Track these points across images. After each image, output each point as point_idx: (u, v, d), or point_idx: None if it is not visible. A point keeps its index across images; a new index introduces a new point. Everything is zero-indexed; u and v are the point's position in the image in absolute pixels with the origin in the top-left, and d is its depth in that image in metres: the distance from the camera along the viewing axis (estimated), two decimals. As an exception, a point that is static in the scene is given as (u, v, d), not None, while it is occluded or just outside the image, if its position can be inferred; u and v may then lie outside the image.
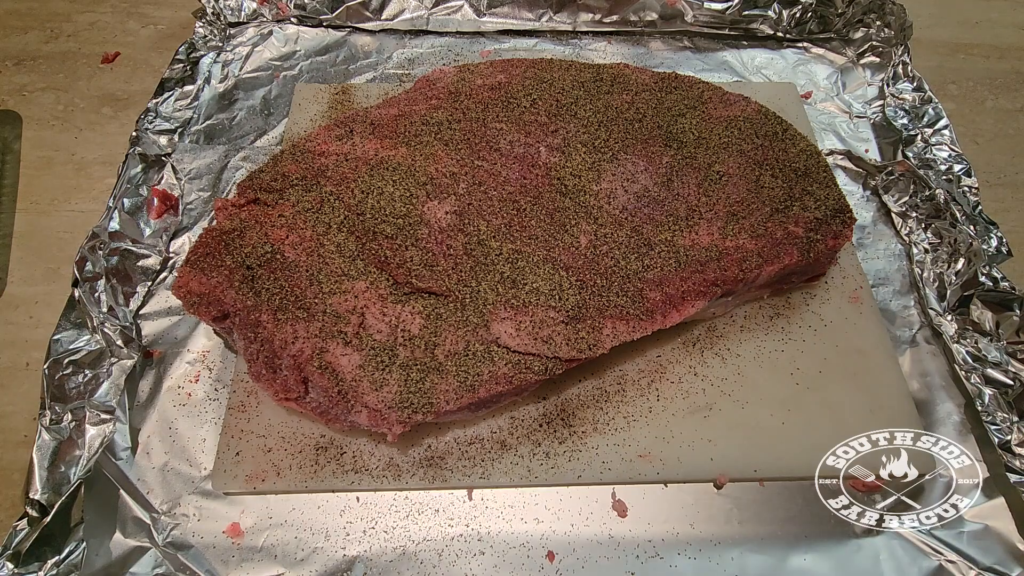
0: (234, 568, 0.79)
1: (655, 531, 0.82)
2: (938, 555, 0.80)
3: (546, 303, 0.82)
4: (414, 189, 0.90)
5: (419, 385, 0.78)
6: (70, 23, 1.38)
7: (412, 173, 0.92)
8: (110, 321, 0.91)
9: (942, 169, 1.07)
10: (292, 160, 0.94)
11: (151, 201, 1.05)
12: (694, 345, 0.93)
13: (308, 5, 1.31)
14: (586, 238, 0.88)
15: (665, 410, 0.87)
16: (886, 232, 1.07)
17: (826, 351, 0.92)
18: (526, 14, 1.34)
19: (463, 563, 0.80)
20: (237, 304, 0.82)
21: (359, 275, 0.84)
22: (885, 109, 1.19)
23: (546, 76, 1.04)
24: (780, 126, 0.99)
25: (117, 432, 0.85)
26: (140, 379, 0.91)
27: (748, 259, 0.87)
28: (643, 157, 0.95)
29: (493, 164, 0.94)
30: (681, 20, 1.32)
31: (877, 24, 1.27)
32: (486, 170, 0.93)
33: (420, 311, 0.82)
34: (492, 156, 0.95)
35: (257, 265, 0.84)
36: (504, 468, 0.83)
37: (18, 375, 0.94)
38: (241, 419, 0.86)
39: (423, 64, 1.29)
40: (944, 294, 0.97)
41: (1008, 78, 1.33)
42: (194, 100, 1.19)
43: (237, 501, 0.83)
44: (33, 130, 1.21)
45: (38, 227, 1.09)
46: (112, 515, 0.81)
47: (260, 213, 0.89)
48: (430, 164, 0.93)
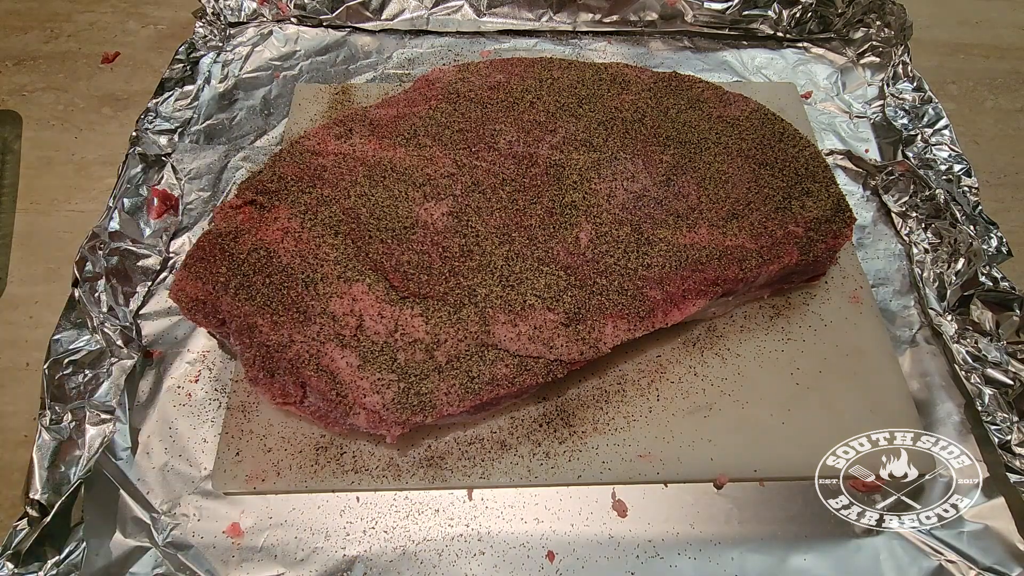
0: (234, 568, 0.79)
1: (655, 531, 0.82)
2: (938, 555, 0.80)
3: (546, 304, 0.82)
4: (411, 191, 0.90)
5: (418, 388, 0.78)
6: (70, 23, 1.38)
7: (410, 175, 0.92)
8: (110, 321, 0.91)
9: (942, 169, 1.07)
10: (290, 161, 0.94)
11: (151, 201, 1.05)
12: (694, 345, 0.93)
13: (308, 5, 1.31)
14: (586, 237, 0.88)
15: (665, 410, 0.87)
16: (886, 232, 1.07)
17: (826, 351, 0.92)
18: (526, 14, 1.34)
19: (463, 563, 0.80)
20: (233, 309, 0.82)
21: (357, 278, 0.84)
22: (885, 109, 1.19)
23: (546, 76, 1.04)
24: (780, 126, 0.99)
25: (117, 432, 0.85)
26: (140, 379, 0.91)
27: (748, 258, 0.87)
28: (643, 156, 0.95)
29: (492, 164, 0.94)
30: (681, 20, 1.32)
31: (877, 24, 1.27)
32: (485, 170, 0.93)
33: (419, 313, 0.82)
34: (491, 155, 0.95)
35: (253, 270, 0.84)
36: (504, 468, 0.83)
37: (18, 375, 0.94)
38: (241, 419, 0.86)
39: (423, 64, 1.29)
40: (944, 294, 0.97)
41: (1008, 78, 1.33)
42: (194, 100, 1.19)
43: (237, 501, 0.83)
44: (33, 130, 1.21)
45: (38, 227, 1.09)
46: (112, 515, 0.81)
47: (257, 216, 0.89)
48: (428, 165, 0.93)
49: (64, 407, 0.83)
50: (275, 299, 0.82)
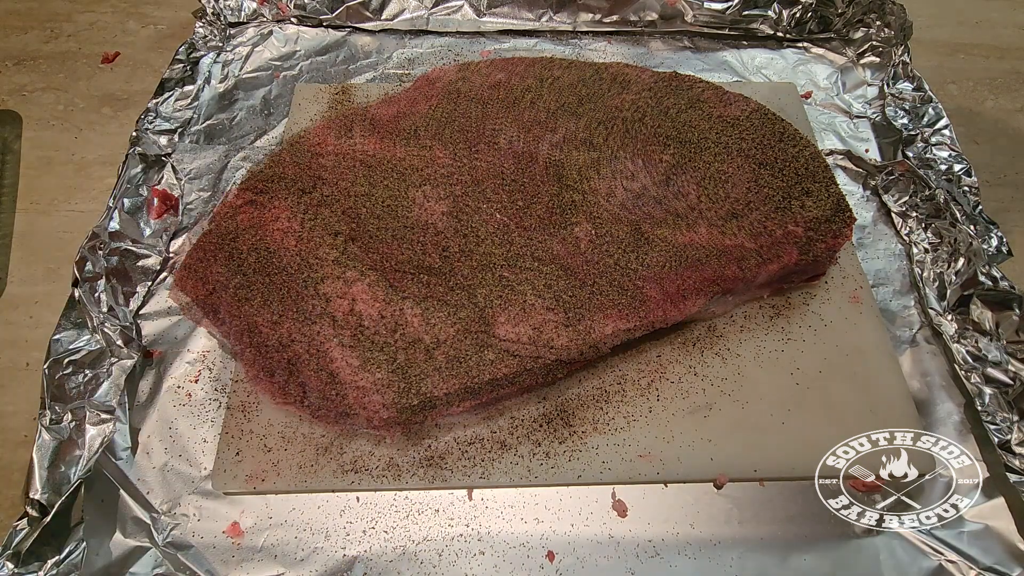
0: (234, 568, 0.79)
1: (655, 531, 0.82)
2: (938, 555, 0.80)
3: (545, 304, 0.82)
4: (411, 190, 0.90)
5: (418, 387, 0.78)
6: (70, 23, 1.38)
7: (409, 173, 0.92)
8: (110, 321, 0.91)
9: (942, 169, 1.07)
10: (290, 159, 0.94)
11: (151, 201, 1.05)
12: (694, 345, 0.93)
13: (308, 5, 1.31)
14: (585, 236, 0.88)
15: (665, 410, 0.87)
16: (886, 232, 1.07)
17: (826, 351, 0.92)
18: (526, 14, 1.34)
19: (463, 563, 0.80)
20: (233, 309, 0.82)
21: (357, 278, 0.84)
22: (885, 109, 1.19)
23: (546, 75, 1.04)
24: (780, 126, 0.99)
25: (117, 432, 0.85)
26: (140, 379, 0.91)
27: (747, 258, 0.87)
28: (643, 156, 0.95)
29: (492, 162, 0.93)
30: (681, 20, 1.32)
31: (877, 24, 1.27)
32: (484, 167, 0.93)
33: (419, 314, 0.82)
34: (491, 153, 0.95)
35: (253, 270, 0.84)
36: (504, 468, 0.83)
37: (18, 375, 0.94)
38: (241, 419, 0.86)
39: (423, 64, 1.29)
40: (944, 294, 0.97)
41: (1008, 78, 1.33)
42: (194, 100, 1.19)
43: (237, 501, 0.83)
44: (33, 130, 1.21)
45: (38, 227, 1.09)
46: (112, 515, 0.81)
47: (257, 216, 0.89)
48: (428, 163, 0.93)
49: (64, 407, 0.83)
50: (275, 299, 0.82)
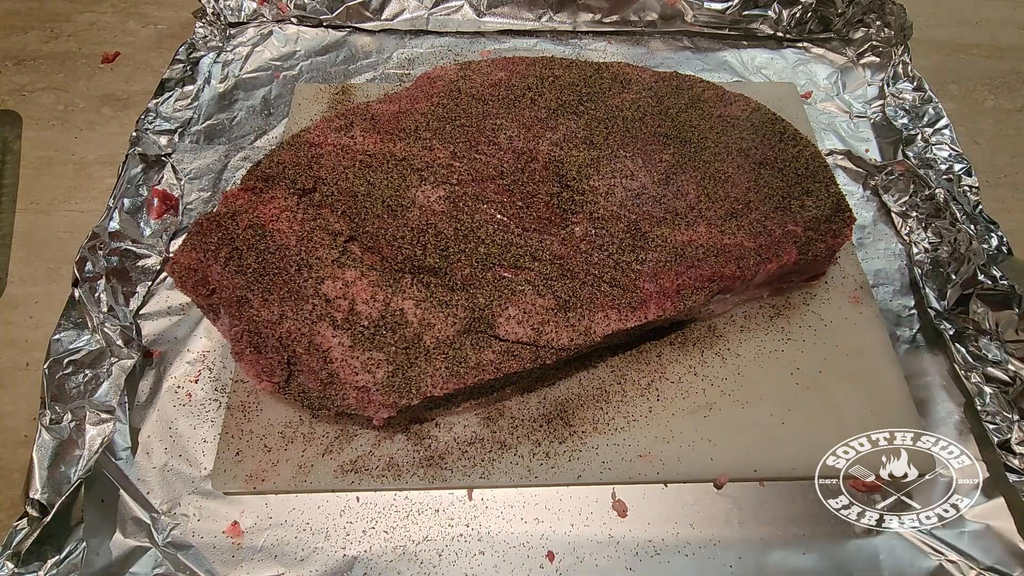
0: (234, 568, 0.79)
1: (655, 531, 0.82)
2: (938, 555, 0.80)
3: (536, 291, 0.82)
4: (409, 175, 0.90)
5: (407, 370, 0.78)
6: (70, 23, 1.38)
7: (410, 172, 0.92)
8: (110, 321, 0.91)
9: (942, 169, 1.07)
10: (291, 150, 0.94)
11: (151, 201, 1.05)
12: (694, 345, 0.93)
13: (308, 5, 1.32)
14: (581, 231, 0.88)
15: (665, 410, 0.87)
16: (886, 232, 1.07)
17: (826, 351, 0.92)
18: (526, 14, 1.34)
19: (463, 563, 0.80)
20: (225, 281, 0.82)
21: (351, 262, 0.84)
22: (885, 109, 1.19)
23: (547, 74, 1.04)
24: (780, 126, 0.99)
25: (117, 432, 0.85)
26: (140, 379, 0.91)
27: (746, 257, 0.87)
28: (643, 155, 0.95)
29: (492, 160, 0.93)
30: (681, 20, 1.32)
31: (877, 24, 1.27)
32: (484, 166, 0.93)
33: (411, 297, 0.82)
34: (491, 150, 0.95)
35: (247, 246, 0.84)
36: (504, 468, 0.83)
37: (18, 375, 0.94)
38: (241, 419, 0.86)
39: (423, 64, 1.29)
40: (944, 294, 0.97)
41: (1008, 78, 1.33)
42: (194, 100, 1.19)
43: (237, 501, 0.83)
44: (33, 130, 1.21)
45: (38, 227, 1.09)
46: (112, 515, 0.81)
47: (255, 198, 0.89)
48: (428, 161, 0.93)
49: (64, 407, 0.83)
50: (268, 276, 0.82)
